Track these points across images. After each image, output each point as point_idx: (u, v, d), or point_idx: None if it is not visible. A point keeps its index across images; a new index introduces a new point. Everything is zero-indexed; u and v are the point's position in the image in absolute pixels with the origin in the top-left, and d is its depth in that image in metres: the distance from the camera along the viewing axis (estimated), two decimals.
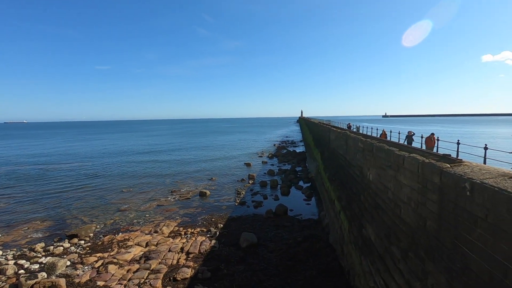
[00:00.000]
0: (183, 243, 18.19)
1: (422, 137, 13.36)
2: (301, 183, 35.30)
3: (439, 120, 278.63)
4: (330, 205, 20.51)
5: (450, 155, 7.57)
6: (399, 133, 15.53)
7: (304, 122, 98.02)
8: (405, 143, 13.31)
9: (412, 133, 14.38)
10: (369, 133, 20.37)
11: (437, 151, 7.91)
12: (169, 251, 17.01)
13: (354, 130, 25.82)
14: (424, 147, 12.83)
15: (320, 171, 29.95)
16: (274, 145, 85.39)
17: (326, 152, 28.64)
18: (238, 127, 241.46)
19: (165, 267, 15.08)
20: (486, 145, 7.48)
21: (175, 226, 21.68)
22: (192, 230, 20.56)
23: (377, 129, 19.25)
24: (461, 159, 7.01)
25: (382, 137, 16.38)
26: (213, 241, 18.15)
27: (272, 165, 49.73)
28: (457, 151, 8.24)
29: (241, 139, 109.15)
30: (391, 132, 16.68)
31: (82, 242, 19.09)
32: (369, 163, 12.63)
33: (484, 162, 7.41)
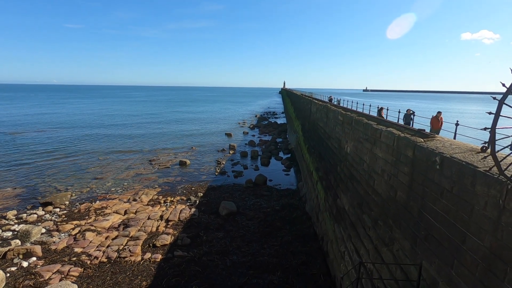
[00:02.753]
0: (163, 211, 18.32)
1: (407, 114, 13.35)
2: (281, 154, 35.91)
3: (416, 96, 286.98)
4: (308, 176, 21.15)
5: (424, 130, 7.83)
6: (378, 108, 15.77)
7: (286, 94, 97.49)
8: (403, 122, 12.30)
9: (411, 112, 12.71)
10: (349, 107, 20.60)
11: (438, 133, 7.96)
12: (149, 218, 17.12)
13: (335, 103, 25.98)
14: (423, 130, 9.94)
15: (300, 143, 30.45)
16: (256, 115, 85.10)
17: (307, 124, 28.92)
18: (220, 96, 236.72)
19: (145, 234, 15.25)
20: (457, 121, 7.78)
21: (155, 194, 21.67)
22: (172, 199, 20.67)
23: (357, 103, 19.43)
24: (434, 134, 7.28)
25: (381, 113, 15.48)
26: (193, 209, 18.42)
27: (253, 135, 49.87)
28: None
29: (222, 109, 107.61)
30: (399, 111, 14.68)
31: (58, 210, 18.71)
32: (347, 136, 12.90)
33: (454, 138, 7.75)
